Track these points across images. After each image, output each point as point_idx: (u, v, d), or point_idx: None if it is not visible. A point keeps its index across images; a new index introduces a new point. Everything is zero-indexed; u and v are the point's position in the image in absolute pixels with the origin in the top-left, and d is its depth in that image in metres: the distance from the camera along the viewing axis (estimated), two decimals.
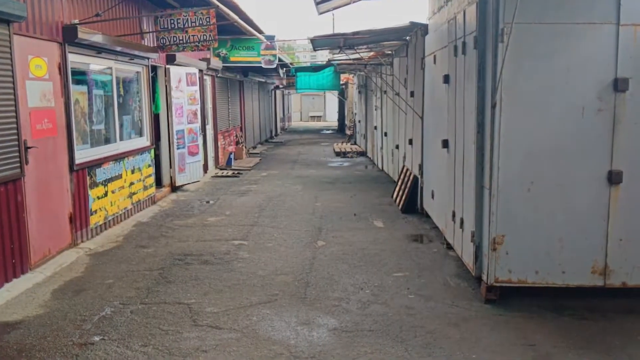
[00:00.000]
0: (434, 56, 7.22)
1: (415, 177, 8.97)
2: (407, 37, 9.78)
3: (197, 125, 12.04)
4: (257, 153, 19.59)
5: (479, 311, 4.82)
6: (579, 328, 4.45)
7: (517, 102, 4.71)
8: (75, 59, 7.07)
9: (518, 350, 4.09)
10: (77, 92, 7.21)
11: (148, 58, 9.53)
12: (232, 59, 15.02)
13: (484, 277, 5.06)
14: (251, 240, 7.27)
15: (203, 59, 13.00)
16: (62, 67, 6.62)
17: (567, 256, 4.82)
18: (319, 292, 5.35)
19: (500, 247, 4.87)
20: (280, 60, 16.30)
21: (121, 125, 8.71)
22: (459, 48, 5.75)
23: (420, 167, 8.60)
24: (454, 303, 5.03)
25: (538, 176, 4.78)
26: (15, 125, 5.54)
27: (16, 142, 5.55)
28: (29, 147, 5.81)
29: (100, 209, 7.60)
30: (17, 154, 5.56)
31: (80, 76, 7.42)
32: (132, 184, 8.83)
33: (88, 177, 7.27)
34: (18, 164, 5.58)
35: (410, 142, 9.44)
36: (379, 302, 5.07)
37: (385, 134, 13.12)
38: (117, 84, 8.58)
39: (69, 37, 6.68)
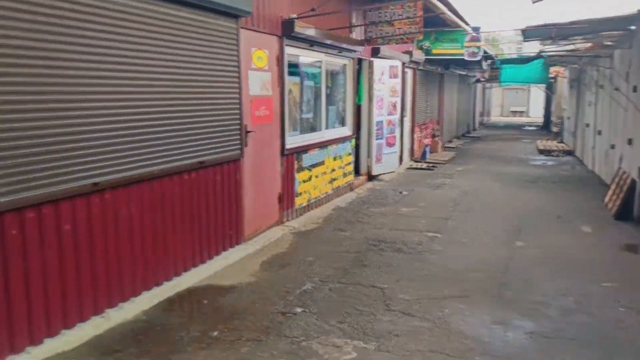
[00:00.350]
0: None
1: (633, 181, 8.12)
2: (633, 27, 8.84)
3: (396, 117, 12.22)
4: (453, 147, 19.27)
5: None
6: None
7: None
8: (291, 52, 7.63)
9: None
10: (291, 82, 7.78)
11: (355, 51, 9.89)
12: (434, 51, 14.91)
13: None
14: (444, 234, 7.22)
15: (406, 52, 13.12)
16: (280, 58, 7.19)
17: None
18: (515, 293, 5.15)
19: None
20: (484, 52, 15.76)
21: (327, 115, 9.20)
22: None
23: None
24: None
25: None
26: (238, 112, 6.16)
27: (239, 127, 6.18)
28: (249, 132, 6.44)
29: (304, 192, 8.14)
30: (239, 137, 6.19)
31: (293, 68, 7.99)
32: (333, 170, 9.29)
33: (296, 162, 7.83)
34: (239, 146, 6.21)
35: (630, 142, 8.56)
36: (583, 312, 4.72)
37: (599, 132, 12.03)
38: (326, 75, 9.06)
39: (286, 30, 7.22)
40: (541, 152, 17.11)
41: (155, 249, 4.98)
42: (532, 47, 16.42)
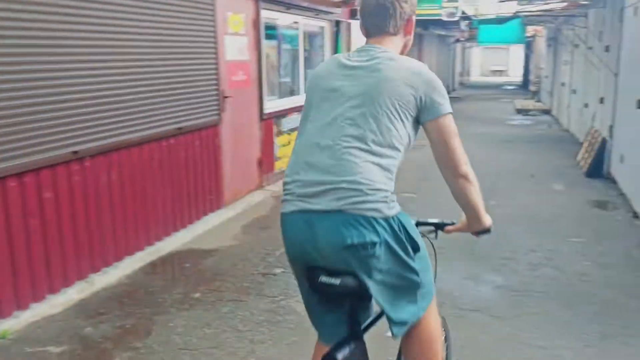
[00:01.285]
0: (636, 7, 6.56)
1: (603, 139, 8.33)
2: None
3: None
4: None
5: None
6: None
7: None
8: (267, 15, 7.61)
9: None
10: (268, 46, 7.77)
11: (332, 13, 9.86)
12: None
13: None
14: (421, 194, 7.40)
15: None
16: (256, 22, 7.18)
17: None
18: (487, 249, 5.34)
19: None
20: (462, 12, 15.75)
21: (305, 78, 9.22)
22: None
23: (611, 128, 7.96)
24: (636, 275, 4.73)
25: None
26: (215, 77, 6.20)
27: (216, 92, 6.22)
28: (226, 97, 6.48)
29: (284, 156, 8.23)
30: (216, 102, 6.24)
31: (270, 31, 7.97)
32: None
33: (275, 126, 7.89)
34: (217, 111, 6.26)
35: (602, 100, 8.74)
36: (551, 266, 4.94)
37: (574, 91, 12.22)
38: (303, 38, 9.05)
39: None
40: (519, 111, 17.32)
41: (136, 215, 5.08)
42: (511, 8, 16.45)
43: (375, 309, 2.26)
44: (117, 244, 4.87)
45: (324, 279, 2.01)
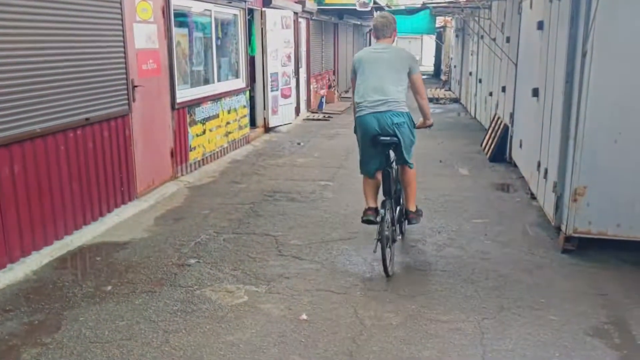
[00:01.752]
0: (531, 1, 6.99)
1: (505, 126, 8.83)
2: None
3: (291, 68, 12.33)
4: (349, 97, 19.69)
5: (555, 260, 4.88)
6: None
7: (609, 51, 4.57)
8: (177, 2, 7.48)
9: (588, 298, 4.15)
10: (179, 34, 7.66)
11: (245, 1, 9.82)
12: (327, 1, 15.04)
13: (563, 227, 5.07)
14: (336, 182, 7.57)
15: (298, 2, 13.15)
16: (166, 10, 7.05)
17: None
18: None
19: (581, 198, 4.85)
20: (375, 2, 16.07)
21: (219, 67, 9.16)
22: None
23: (511, 115, 8.44)
24: (531, 251, 5.10)
25: (627, 127, 4.67)
26: (124, 65, 6.05)
27: (125, 81, 6.08)
28: (136, 86, 6.34)
29: (198, 145, 8.16)
30: (125, 91, 6.09)
31: (182, 18, 7.85)
32: (228, 123, 9.34)
33: (188, 116, 7.80)
34: (126, 101, 6.12)
35: (504, 89, 9.24)
36: (455, 246, 5.24)
37: (480, 81, 12.82)
38: (216, 26, 8.98)
39: None
40: (430, 100, 17.92)
41: (42, 209, 4.90)
42: None
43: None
44: (23, 239, 4.69)
45: (382, 138, 4.51)
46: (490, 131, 9.81)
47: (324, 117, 14.37)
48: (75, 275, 4.59)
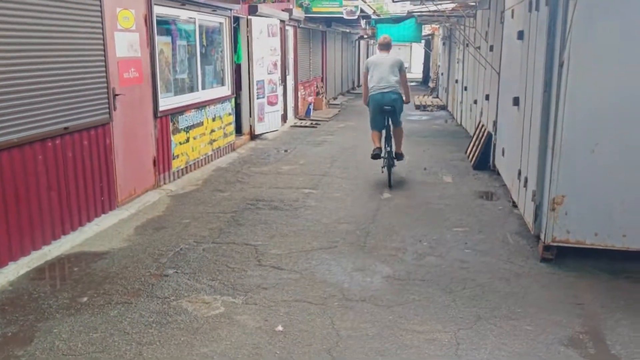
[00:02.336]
0: (512, 10, 7.03)
1: (489, 134, 8.87)
2: None
3: (277, 75, 12.34)
4: (337, 104, 19.75)
5: (533, 269, 4.89)
6: (632, 291, 4.44)
7: (586, 62, 4.61)
8: (161, 11, 7.47)
9: (565, 307, 4.17)
10: (162, 42, 7.64)
11: (230, 9, 9.83)
12: (314, 9, 15.08)
13: (542, 236, 5.09)
14: (320, 190, 7.57)
15: (285, 10, 13.18)
16: (148, 18, 7.04)
17: (629, 220, 4.76)
18: (378, 241, 5.58)
19: (559, 207, 4.87)
20: (362, 11, 16.15)
21: (203, 75, 9.14)
22: (533, 4, 5.61)
23: (495, 123, 8.48)
24: (509, 259, 5.11)
25: (604, 138, 4.70)
26: (104, 74, 6.02)
27: (105, 90, 6.05)
28: (117, 95, 6.31)
29: (182, 154, 8.14)
30: (106, 100, 6.07)
31: (165, 25, 7.84)
32: (212, 131, 9.32)
33: (171, 124, 7.78)
34: (107, 110, 6.09)
35: (487, 97, 9.28)
36: (435, 255, 5.24)
37: (465, 88, 12.88)
38: (200, 34, 8.97)
39: None
40: (417, 107, 18.00)
41: (19, 219, 4.86)
42: (406, 7, 17.03)
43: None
44: None
45: (385, 107, 7.71)
46: (474, 139, 9.85)
47: (311, 124, 14.38)
48: (52, 286, 4.55)
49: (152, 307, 4.14)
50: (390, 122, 7.92)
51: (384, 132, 7.98)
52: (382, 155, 7.88)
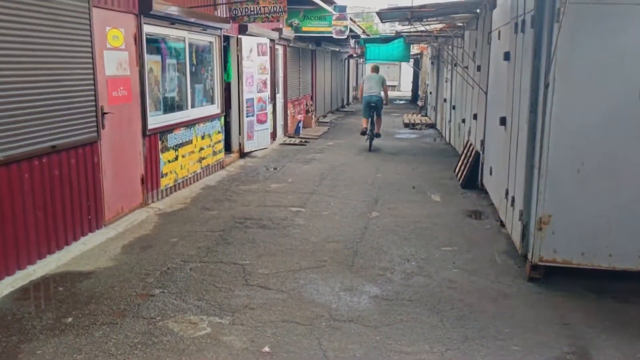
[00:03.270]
0: (499, 32, 7.13)
1: (477, 153, 8.93)
2: (478, 10, 9.61)
3: (267, 94, 12.39)
4: (327, 122, 19.83)
5: (521, 288, 4.91)
6: (619, 310, 4.46)
7: (570, 83, 4.68)
8: (150, 30, 7.50)
9: (552, 328, 4.17)
10: (152, 61, 7.66)
11: (220, 28, 9.88)
12: (304, 29, 15.20)
13: (529, 256, 5.11)
14: (308, 208, 7.56)
15: (275, 29, 13.27)
16: (138, 37, 7.06)
17: (615, 239, 4.79)
18: (366, 261, 5.58)
19: (546, 226, 4.90)
20: (351, 30, 16.29)
21: (193, 93, 9.16)
22: (519, 26, 5.69)
23: (482, 142, 8.54)
24: (497, 279, 5.12)
25: (589, 158, 4.75)
26: (93, 93, 6.02)
27: (94, 108, 6.04)
28: (105, 113, 6.30)
29: (170, 172, 8.12)
30: (94, 119, 6.05)
31: (155, 44, 7.86)
32: (201, 149, 9.31)
33: (160, 142, 7.77)
34: (95, 128, 6.08)
35: (475, 116, 9.37)
36: (423, 274, 5.24)
37: (454, 107, 12.99)
38: (190, 53, 9.00)
39: (144, 8, 7.09)
40: (406, 125, 18.11)
41: (4, 239, 4.81)
42: (407, 28, 17.23)
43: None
44: None
45: (371, 104, 12.86)
46: (462, 157, 9.91)
47: (301, 141, 14.41)
48: (36, 307, 4.49)
49: (138, 328, 4.09)
50: (374, 114, 12.95)
51: (369, 120, 12.95)
52: (368, 132, 12.97)
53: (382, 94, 13.11)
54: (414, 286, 4.95)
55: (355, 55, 28.19)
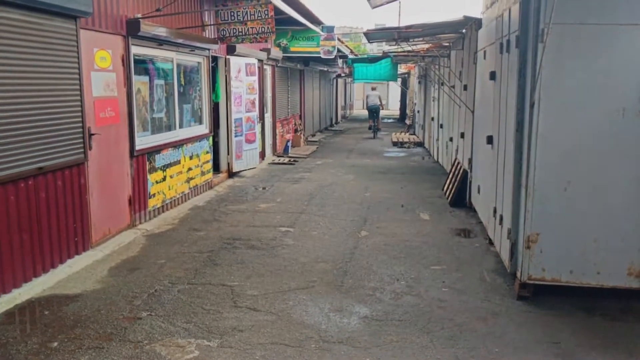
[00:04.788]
0: (484, 51, 7.22)
1: (465, 171, 8.98)
2: (464, 30, 9.73)
3: (255, 114, 12.42)
4: (316, 141, 19.87)
5: (510, 307, 4.90)
6: (608, 328, 4.47)
7: (555, 102, 4.73)
8: (138, 51, 7.51)
9: (542, 347, 4.17)
10: (139, 82, 7.65)
11: (208, 49, 9.92)
12: (292, 49, 15.30)
13: (518, 274, 5.11)
14: (297, 228, 7.54)
15: (263, 50, 13.34)
16: (126, 58, 7.06)
17: (603, 257, 4.82)
18: (356, 281, 5.56)
19: (534, 245, 4.92)
20: (339, 50, 16.42)
21: (181, 113, 9.15)
22: (504, 46, 5.77)
23: (470, 161, 8.60)
24: (487, 298, 5.12)
25: (575, 176, 4.79)
26: (80, 114, 6.00)
27: (81, 129, 6.01)
28: (93, 134, 6.28)
29: (158, 192, 8.07)
30: (81, 140, 6.02)
31: (143, 64, 7.86)
32: (190, 169, 9.28)
33: (147, 163, 7.73)
34: (82, 150, 6.04)
35: (462, 135, 9.43)
36: (413, 294, 5.22)
37: (441, 126, 13.08)
38: (178, 73, 9.01)
39: (132, 30, 7.10)
40: (395, 144, 18.20)
41: None
42: (394, 48, 17.45)
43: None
44: None
45: (373, 110, 21.92)
46: (450, 176, 9.95)
47: (289, 161, 14.42)
48: (22, 331, 4.42)
49: (125, 352, 4.04)
50: (375, 116, 21.31)
51: (373, 120, 21.46)
52: (372, 127, 21.24)
53: (379, 105, 21.75)
54: (404, 306, 4.93)
55: (343, 74, 28.41)
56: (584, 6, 4.63)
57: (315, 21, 14.04)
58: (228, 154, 11.53)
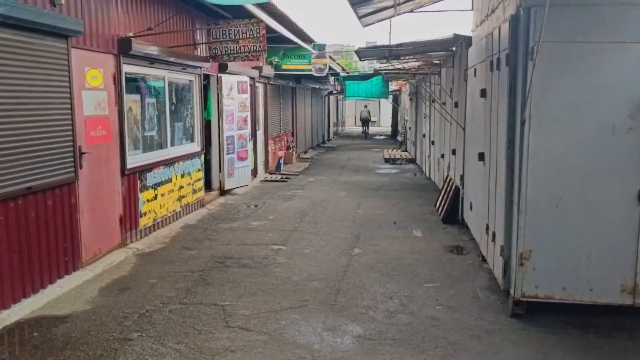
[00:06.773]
0: (475, 69, 7.27)
1: (457, 187, 9.00)
2: (454, 48, 9.82)
3: (247, 131, 12.42)
4: (308, 158, 19.89)
5: (504, 325, 4.88)
6: (601, 346, 4.45)
7: (546, 119, 4.76)
8: (130, 70, 7.51)
9: None
10: (131, 100, 7.64)
11: (200, 67, 9.94)
12: (284, 66, 15.38)
13: (511, 292, 5.10)
14: (290, 246, 7.50)
15: (255, 67, 13.39)
16: (117, 77, 7.06)
17: (596, 274, 4.82)
18: (349, 299, 5.52)
19: (527, 262, 4.91)
20: (331, 68, 16.52)
21: (173, 131, 9.14)
22: (494, 63, 5.81)
23: (462, 177, 8.62)
24: (480, 316, 5.09)
25: (567, 193, 4.80)
26: (71, 133, 5.97)
27: (71, 148, 5.98)
28: (83, 153, 6.25)
29: (149, 211, 8.02)
30: (72, 159, 5.99)
31: (135, 83, 7.86)
32: (181, 187, 9.25)
33: (139, 181, 7.70)
34: (72, 169, 6.00)
35: (454, 152, 9.47)
36: (406, 312, 5.19)
37: (433, 143, 13.13)
38: (170, 92, 9.01)
39: (124, 49, 7.11)
40: (387, 160, 18.24)
41: None
42: (385, 65, 17.56)
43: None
44: None
45: (365, 122, 33.55)
46: (443, 192, 9.97)
47: (282, 178, 14.40)
48: (10, 353, 4.34)
49: None
50: (366, 125, 33.12)
51: (364, 128, 32.92)
52: (364, 134, 32.21)
53: (369, 117, 29.49)
54: (397, 324, 4.90)
55: (335, 92, 28.54)
56: (572, 25, 4.68)
57: (307, 39, 14.15)
58: (220, 172, 11.50)
